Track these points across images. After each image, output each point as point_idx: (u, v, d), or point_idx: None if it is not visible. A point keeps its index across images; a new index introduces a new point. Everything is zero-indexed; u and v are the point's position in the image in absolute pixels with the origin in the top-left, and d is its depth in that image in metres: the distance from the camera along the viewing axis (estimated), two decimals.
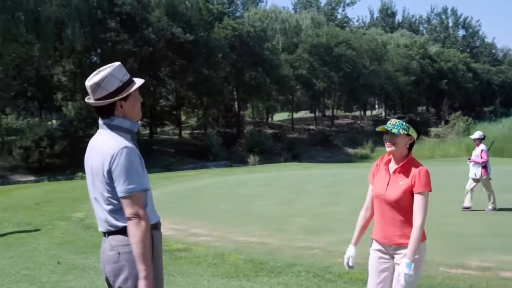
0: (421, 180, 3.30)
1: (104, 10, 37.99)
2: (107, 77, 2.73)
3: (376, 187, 3.50)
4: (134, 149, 2.68)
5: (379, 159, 3.62)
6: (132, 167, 2.63)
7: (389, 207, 3.39)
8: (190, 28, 42.41)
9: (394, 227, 3.39)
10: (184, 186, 17.27)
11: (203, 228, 9.71)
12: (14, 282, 6.52)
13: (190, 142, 43.89)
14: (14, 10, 35.50)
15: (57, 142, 33.67)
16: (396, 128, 3.35)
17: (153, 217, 2.78)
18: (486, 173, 10.33)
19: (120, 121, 2.76)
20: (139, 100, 2.86)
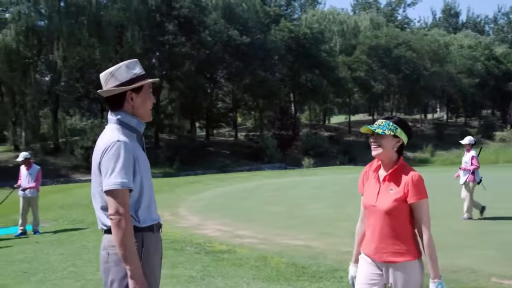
0: (416, 188, 2.90)
1: (163, 13, 38.73)
2: (121, 67, 2.69)
3: (366, 196, 3.13)
4: (128, 145, 2.55)
5: (368, 165, 3.24)
6: (119, 162, 2.50)
7: (380, 219, 2.99)
8: (247, 30, 42.57)
9: (385, 243, 2.99)
10: (236, 187, 17.25)
11: (249, 230, 9.59)
12: (60, 279, 6.60)
13: (246, 144, 44.01)
14: (78, 14, 36.83)
15: None
16: (381, 129, 2.99)
17: (147, 218, 2.65)
18: (473, 180, 10.02)
19: (128, 118, 2.66)
20: (151, 99, 2.76)
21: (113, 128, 2.63)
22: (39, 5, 38.33)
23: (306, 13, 62.24)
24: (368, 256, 3.09)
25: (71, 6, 36.72)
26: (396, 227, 2.94)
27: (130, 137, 2.63)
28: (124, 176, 2.48)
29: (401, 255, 2.93)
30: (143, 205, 2.63)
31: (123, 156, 2.50)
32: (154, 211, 2.75)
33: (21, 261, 7.88)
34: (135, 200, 2.59)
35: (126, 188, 2.48)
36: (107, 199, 2.47)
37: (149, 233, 2.63)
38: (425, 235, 2.90)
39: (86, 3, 36.47)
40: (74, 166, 35.95)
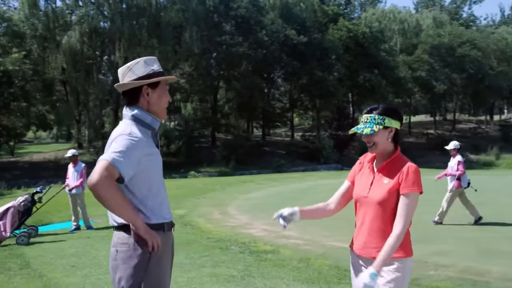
0: (409, 179, 2.68)
1: (220, 13, 39.11)
2: (139, 62, 2.68)
3: (358, 188, 2.92)
4: (139, 140, 2.50)
5: (363, 156, 3.04)
6: (122, 147, 2.44)
7: (371, 211, 2.79)
8: (304, 30, 42.32)
9: (374, 237, 2.77)
10: (289, 187, 17.14)
11: (295, 231, 9.47)
12: (104, 274, 6.71)
13: (302, 144, 43.74)
14: (138, 16, 37.80)
15: (173, 142, 35.15)
16: (369, 127, 2.77)
17: (158, 216, 2.61)
18: (459, 186, 9.81)
19: (142, 114, 2.63)
20: (167, 97, 2.73)
21: (127, 123, 2.61)
22: (102, 8, 39.63)
23: (366, 12, 61.16)
24: (356, 252, 2.89)
25: (132, 8, 37.71)
26: (387, 220, 2.73)
27: (144, 133, 2.59)
28: (120, 157, 2.40)
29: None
30: (153, 203, 2.59)
31: (129, 145, 2.46)
32: (166, 209, 2.71)
33: (71, 255, 8.10)
34: (143, 196, 2.56)
35: (114, 167, 2.37)
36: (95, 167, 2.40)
37: (159, 231, 2.58)
38: (397, 227, 2.65)
39: (146, 5, 37.34)
40: None
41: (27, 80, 35.10)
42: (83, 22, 38.38)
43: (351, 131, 2.89)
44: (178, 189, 17.89)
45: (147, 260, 2.51)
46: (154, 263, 2.52)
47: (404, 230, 2.64)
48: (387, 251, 2.60)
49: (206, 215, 12.15)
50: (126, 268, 2.50)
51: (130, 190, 2.53)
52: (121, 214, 2.44)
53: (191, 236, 9.43)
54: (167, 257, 2.67)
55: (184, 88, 43.09)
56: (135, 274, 2.49)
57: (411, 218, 2.68)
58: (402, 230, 2.63)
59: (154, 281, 2.53)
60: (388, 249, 2.60)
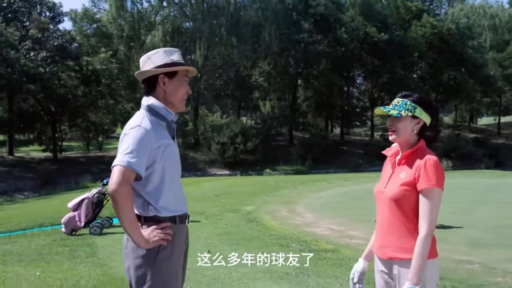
0: (427, 173, 2.43)
1: (299, 11, 39.01)
2: (159, 52, 2.67)
3: (379, 182, 2.72)
4: (149, 132, 2.48)
5: (386, 150, 2.80)
6: (133, 144, 2.44)
7: (388, 208, 2.57)
8: (386, 27, 41.33)
9: (391, 236, 2.55)
10: (361, 187, 16.76)
11: (361, 231, 9.22)
12: None
13: (381, 144, 42.65)
14: (218, 15, 38.54)
15: (250, 139, 35.47)
16: (397, 110, 2.55)
17: (170, 209, 2.58)
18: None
19: (157, 105, 2.61)
20: (185, 88, 2.68)
21: (140, 114, 2.59)
22: (185, 8, 40.77)
23: (453, 7, 58.68)
24: (376, 254, 2.71)
25: (212, 7, 38.51)
26: (403, 219, 2.52)
27: (157, 125, 2.57)
28: (134, 157, 2.42)
29: (406, 252, 2.49)
30: (166, 195, 2.56)
31: (139, 140, 2.45)
32: (180, 202, 2.68)
33: None
34: (155, 188, 2.54)
35: (130, 169, 2.41)
36: (112, 173, 2.44)
37: (171, 224, 2.57)
38: (422, 229, 2.44)
39: (226, 4, 38.01)
40: (211, 160, 37.67)
41: (113, 79, 36.79)
42: (166, 22, 39.65)
43: (377, 109, 2.68)
44: (251, 186, 17.99)
45: (156, 251, 2.49)
46: (164, 255, 2.50)
47: (429, 232, 2.43)
48: (417, 260, 2.40)
49: (273, 212, 12.13)
50: (135, 257, 2.50)
51: (140, 184, 2.52)
52: (128, 227, 2.43)
53: (254, 232, 9.43)
54: (179, 250, 2.63)
55: (263, 86, 43.37)
56: (143, 264, 2.49)
57: (435, 218, 2.46)
58: (427, 233, 2.43)
59: (163, 273, 2.50)
60: (417, 257, 2.40)
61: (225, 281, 5.97)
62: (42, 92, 34.90)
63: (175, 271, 2.58)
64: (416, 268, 2.39)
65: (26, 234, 10.43)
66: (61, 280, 5.85)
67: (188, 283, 5.86)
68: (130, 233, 2.43)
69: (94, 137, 46.99)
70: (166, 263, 2.52)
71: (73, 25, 45.10)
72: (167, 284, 2.53)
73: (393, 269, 2.58)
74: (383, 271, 2.67)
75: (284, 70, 41.63)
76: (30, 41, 34.70)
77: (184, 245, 2.73)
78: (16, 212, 15.42)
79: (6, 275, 6.19)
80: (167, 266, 2.52)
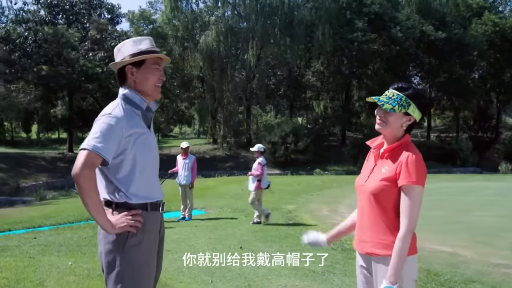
0: (408, 170, 2.35)
1: (353, 10, 38.49)
2: (128, 42, 2.70)
3: (360, 175, 2.62)
4: (119, 120, 2.50)
5: (370, 141, 2.69)
6: (101, 130, 2.47)
7: (368, 202, 2.49)
8: (443, 25, 40.10)
9: (370, 231, 2.47)
10: None
11: None
12: (192, 259, 6.91)
13: (436, 145, 41.54)
14: (271, 15, 38.60)
15: (302, 139, 35.31)
16: (391, 104, 2.45)
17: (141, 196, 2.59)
18: (260, 187, 10.24)
19: (131, 94, 2.64)
20: (155, 75, 2.68)
21: (114, 102, 2.63)
22: (239, 8, 41.08)
23: None
24: (355, 249, 2.63)
25: (266, 7, 38.61)
26: (382, 214, 2.43)
27: (131, 113, 2.60)
28: (99, 142, 2.44)
29: (383, 248, 2.41)
30: (137, 182, 2.57)
31: (107, 126, 2.48)
32: (153, 189, 2.68)
33: (172, 241, 8.47)
34: (125, 175, 2.56)
35: (96, 153, 2.42)
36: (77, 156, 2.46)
37: (142, 211, 2.57)
38: (402, 226, 2.34)
39: (279, 4, 38.01)
40: None
41: (167, 78, 37.52)
42: (219, 22, 40.08)
43: (369, 99, 2.61)
44: (296, 185, 17.93)
45: (126, 237, 2.50)
46: (134, 241, 2.51)
47: (409, 230, 2.35)
48: (395, 258, 2.33)
49: (314, 212, 12.03)
50: (106, 243, 2.53)
51: (111, 170, 2.55)
52: (93, 211, 2.43)
53: (290, 231, 9.39)
54: (151, 237, 2.63)
55: (315, 86, 43.07)
56: (113, 250, 2.51)
57: (416, 216, 2.37)
58: (406, 230, 2.34)
59: (132, 259, 2.51)
60: (395, 256, 2.33)
61: (249, 276, 5.97)
62: (99, 91, 36.06)
63: (145, 258, 2.58)
64: (394, 267, 2.32)
65: (72, 226, 10.80)
66: (89, 270, 6.01)
67: (211, 277, 5.91)
68: (96, 217, 2.44)
69: None
70: (136, 249, 2.53)
71: (130, 26, 46.46)
72: (137, 270, 2.53)
73: (372, 265, 2.51)
74: (362, 266, 2.62)
75: (337, 70, 41.17)
76: (89, 42, 35.93)
77: (158, 232, 2.72)
78: (68, 206, 15.96)
79: (40, 263, 6.42)
80: (136, 252, 2.53)
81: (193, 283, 5.68)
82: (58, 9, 39.34)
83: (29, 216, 12.87)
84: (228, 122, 41.69)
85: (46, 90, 36.68)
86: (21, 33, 36.13)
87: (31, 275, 5.75)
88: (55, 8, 39.19)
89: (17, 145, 48.80)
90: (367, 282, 2.61)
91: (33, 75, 33.74)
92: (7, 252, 7.58)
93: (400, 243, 2.33)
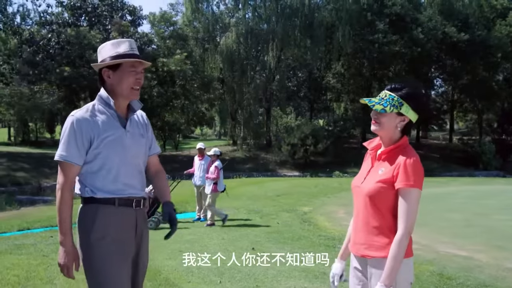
0: (405, 172, 2.32)
1: (374, 12, 38.19)
2: (107, 45, 2.75)
3: (357, 176, 2.58)
4: (80, 121, 2.61)
5: (367, 142, 2.66)
6: (64, 136, 2.62)
7: (363, 204, 2.46)
8: (466, 26, 39.55)
9: (365, 233, 2.44)
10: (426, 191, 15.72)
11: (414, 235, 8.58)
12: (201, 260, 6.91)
13: (459, 148, 41.03)
14: (291, 16, 38.54)
15: (321, 141, 35.16)
16: (383, 105, 2.41)
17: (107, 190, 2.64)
18: (216, 190, 10.48)
19: (105, 95, 2.72)
20: (132, 78, 2.70)
21: (89, 103, 2.73)
22: (260, 9, 41.12)
23: None
24: (350, 250, 2.59)
25: (286, 9, 38.56)
26: (378, 216, 2.40)
27: (102, 113, 2.69)
28: (65, 149, 2.59)
29: (377, 250, 2.38)
30: (104, 178, 2.64)
31: (69, 130, 2.60)
32: (125, 186, 2.70)
33: (186, 241, 8.50)
34: (93, 172, 2.64)
35: (66, 162, 2.58)
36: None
37: (107, 205, 2.63)
38: (399, 230, 2.31)
39: (300, 5, 37.92)
40: (281, 161, 37.71)
41: (187, 80, 37.73)
42: (240, 24, 40.15)
43: (362, 100, 2.58)
44: (313, 187, 17.85)
45: (89, 232, 2.61)
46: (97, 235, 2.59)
47: (406, 234, 2.33)
48: (390, 261, 2.30)
49: (330, 214, 11.95)
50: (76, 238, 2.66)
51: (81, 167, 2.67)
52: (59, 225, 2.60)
53: (304, 233, 9.35)
54: (118, 232, 2.66)
55: (336, 88, 42.86)
56: (80, 244, 2.63)
57: (413, 219, 2.35)
58: (403, 234, 2.32)
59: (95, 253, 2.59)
60: (391, 259, 2.31)
61: (258, 277, 5.95)
62: None
63: (110, 252, 2.60)
64: (389, 270, 2.30)
65: None
66: None
67: (220, 278, 5.90)
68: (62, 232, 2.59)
69: (170, 137, 48.35)
70: (100, 243, 2.59)
71: (151, 27, 46.80)
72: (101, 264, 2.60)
73: (367, 267, 2.48)
74: (357, 268, 2.59)
75: (358, 72, 40.89)
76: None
77: (133, 228, 2.74)
78: None
79: (52, 262, 6.48)
80: (100, 246, 2.59)
81: (201, 283, 5.68)
82: (80, 11, 39.89)
83: (48, 215, 13.01)
84: (248, 124, 41.69)
85: (68, 91, 37.16)
86: (44, 35, 36.68)
87: (42, 273, 5.81)
88: (78, 10, 39.74)
89: (41, 146, 49.46)
90: (359, 284, 2.57)
91: (55, 76, 34.24)
92: (22, 250, 7.69)
93: (396, 246, 2.31)
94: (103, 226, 2.60)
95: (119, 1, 40.90)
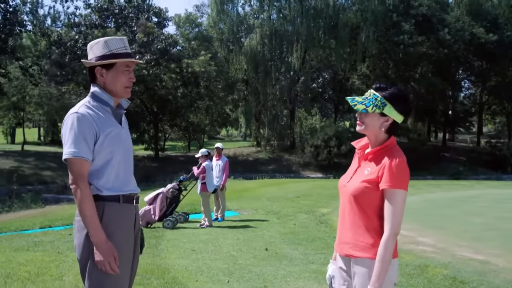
0: (390, 173, 2.27)
1: (400, 12, 37.76)
2: (100, 42, 2.72)
3: (343, 176, 2.54)
4: (85, 117, 2.56)
5: (355, 142, 2.61)
6: (72, 132, 2.55)
7: (348, 203, 2.42)
8: (495, 27, 38.84)
9: (349, 232, 2.41)
10: (448, 194, 15.92)
11: (432, 238, 8.77)
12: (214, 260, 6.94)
13: (486, 151, 40.25)
14: (316, 17, 38.37)
15: (345, 143, 34.87)
16: (365, 105, 2.36)
17: (112, 188, 2.63)
18: (206, 190, 10.56)
19: (100, 92, 2.70)
20: (125, 77, 2.71)
21: (82, 101, 2.70)
22: (284, 11, 41.06)
23: None
24: (335, 250, 2.56)
25: (310, 10, 38.42)
26: (362, 216, 2.37)
27: (101, 110, 2.66)
28: (76, 146, 2.53)
29: (362, 250, 2.35)
30: (107, 176, 2.63)
31: (76, 127, 2.55)
32: (126, 182, 2.71)
33: (201, 241, 8.54)
34: (96, 169, 2.61)
35: (79, 158, 2.53)
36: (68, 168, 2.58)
37: (113, 203, 2.61)
38: (385, 232, 2.28)
39: (324, 6, 37.73)
40: (305, 163, 37.58)
41: (211, 81, 37.89)
42: (264, 25, 40.15)
43: (347, 99, 2.54)
44: (334, 189, 17.68)
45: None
46: (106, 232, 2.53)
47: (392, 235, 2.29)
48: (378, 263, 2.27)
49: None
50: (79, 237, 2.59)
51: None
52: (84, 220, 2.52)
53: (320, 234, 9.29)
54: (123, 229, 2.65)
55: (360, 89, 42.52)
56: (85, 243, 2.55)
57: (399, 220, 2.31)
58: (389, 235, 2.28)
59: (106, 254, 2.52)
60: (379, 261, 2.27)
61: (268, 278, 5.93)
62: (145, 93, 36.76)
63: (118, 249, 2.58)
64: (377, 273, 2.27)
65: None
66: None
67: (229, 277, 5.90)
68: (93, 228, 2.51)
69: (195, 137, 48.59)
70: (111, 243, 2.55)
71: (176, 29, 47.16)
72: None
73: (351, 267, 2.45)
74: (341, 267, 2.55)
75: (383, 73, 40.45)
76: (137, 44, 36.66)
77: (133, 224, 2.75)
78: None
79: (65, 259, 6.58)
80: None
81: (209, 282, 5.68)
82: (108, 13, 40.40)
83: (70, 213, 13.20)
84: (272, 125, 41.63)
85: None
86: (72, 36, 37.30)
87: (53, 269, 5.90)
88: (105, 12, 40.25)
89: None
90: (344, 284, 2.53)
91: (82, 77, 34.74)
92: (39, 247, 7.82)
93: (383, 248, 2.28)
94: (109, 223, 2.59)
95: (145, 3, 41.30)
